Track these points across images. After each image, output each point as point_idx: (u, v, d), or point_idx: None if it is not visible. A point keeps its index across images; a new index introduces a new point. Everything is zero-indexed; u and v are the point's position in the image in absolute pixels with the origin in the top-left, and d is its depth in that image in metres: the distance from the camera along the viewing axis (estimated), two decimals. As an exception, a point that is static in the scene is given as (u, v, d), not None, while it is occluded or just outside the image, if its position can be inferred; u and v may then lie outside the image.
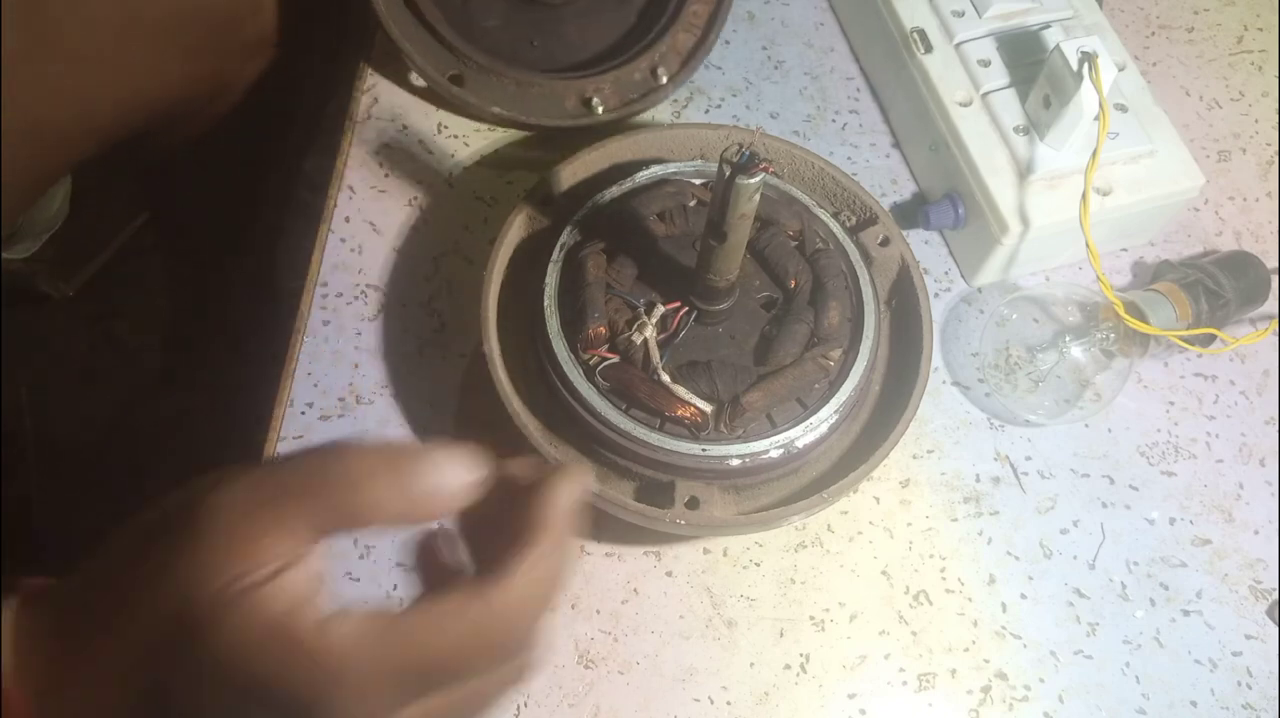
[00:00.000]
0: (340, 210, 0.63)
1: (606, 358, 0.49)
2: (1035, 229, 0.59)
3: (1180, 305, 0.59)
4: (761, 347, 0.51)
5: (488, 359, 0.51)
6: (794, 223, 0.53)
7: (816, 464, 0.53)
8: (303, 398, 0.57)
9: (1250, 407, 0.62)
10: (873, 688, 0.53)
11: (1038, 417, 0.59)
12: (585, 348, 0.49)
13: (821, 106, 0.69)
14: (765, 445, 0.49)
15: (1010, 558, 0.57)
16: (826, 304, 0.51)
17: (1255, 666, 0.55)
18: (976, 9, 0.64)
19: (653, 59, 0.64)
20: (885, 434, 0.51)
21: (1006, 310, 0.60)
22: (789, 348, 0.50)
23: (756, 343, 0.51)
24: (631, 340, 0.49)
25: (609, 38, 0.67)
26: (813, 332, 0.51)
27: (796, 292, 0.52)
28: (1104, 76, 0.55)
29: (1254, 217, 0.68)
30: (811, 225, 0.54)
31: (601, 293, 0.50)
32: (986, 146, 0.61)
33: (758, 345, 0.51)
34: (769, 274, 0.53)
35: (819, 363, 0.50)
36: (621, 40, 0.67)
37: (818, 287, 0.52)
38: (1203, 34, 0.75)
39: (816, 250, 0.53)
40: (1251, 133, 0.71)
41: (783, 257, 0.52)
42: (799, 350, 0.50)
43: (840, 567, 0.56)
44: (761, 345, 0.51)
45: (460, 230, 0.63)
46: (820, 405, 0.50)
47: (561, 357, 0.50)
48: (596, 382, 0.49)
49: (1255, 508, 0.59)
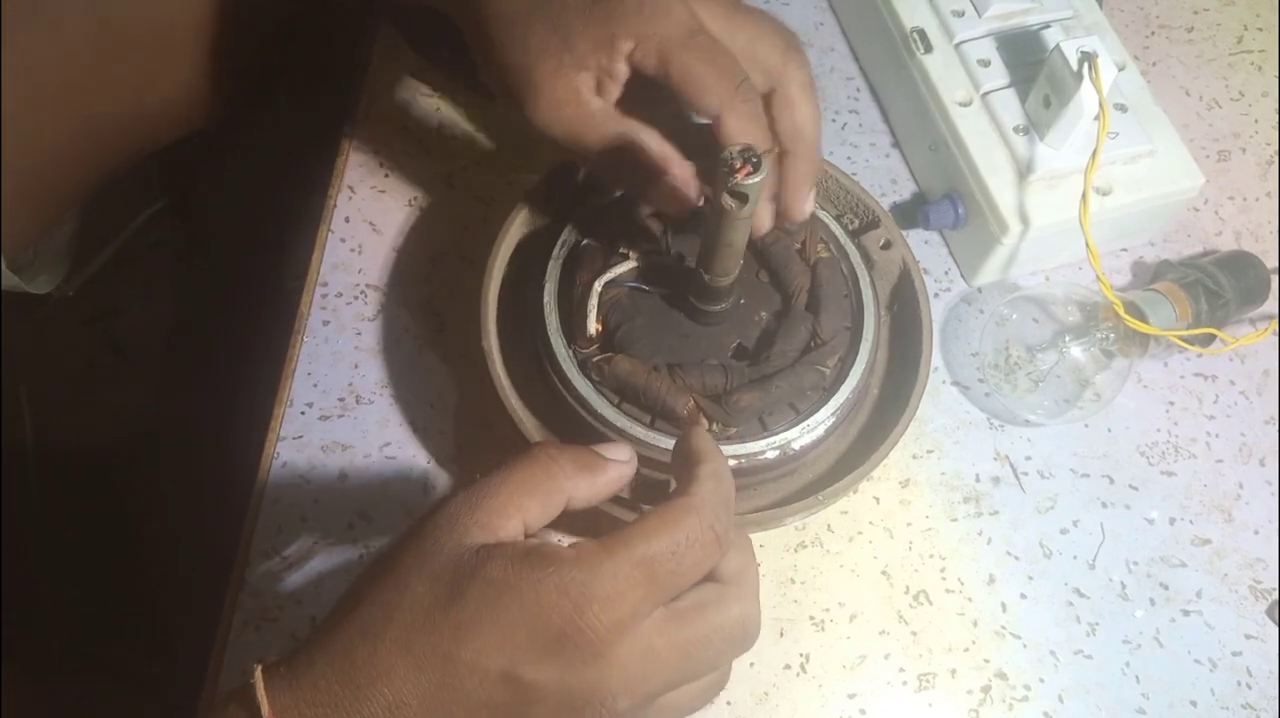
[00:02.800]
0: (340, 210, 0.63)
1: (603, 355, 0.49)
2: (1035, 229, 0.59)
3: (1180, 305, 0.59)
4: (760, 348, 0.51)
5: (486, 356, 0.51)
6: (799, 230, 0.53)
7: (814, 466, 0.53)
8: (302, 398, 0.57)
9: (1250, 407, 0.62)
10: (873, 688, 0.53)
11: (1038, 417, 0.59)
12: (584, 345, 0.50)
13: (821, 106, 0.69)
14: (762, 446, 0.49)
15: (1010, 558, 0.57)
16: (826, 310, 0.51)
17: (1255, 666, 0.55)
18: (976, 9, 0.64)
19: None
20: (884, 435, 0.51)
21: (1006, 310, 0.60)
22: (787, 352, 0.50)
23: (754, 346, 0.51)
24: None
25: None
26: (811, 337, 0.51)
27: (796, 296, 0.52)
28: (1104, 76, 0.55)
29: (1254, 217, 0.68)
30: (814, 230, 0.53)
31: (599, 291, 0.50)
32: (986, 146, 0.61)
33: (755, 347, 0.51)
34: (770, 277, 0.53)
35: (815, 369, 0.50)
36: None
37: (818, 292, 0.52)
38: (1202, 34, 0.75)
39: (819, 258, 0.53)
40: (1251, 133, 0.71)
41: (784, 260, 0.52)
42: (796, 354, 0.50)
43: (840, 567, 0.56)
44: (760, 347, 0.51)
45: (460, 230, 0.63)
46: (817, 408, 0.50)
47: (560, 355, 0.50)
48: (593, 378, 0.49)
49: (1255, 508, 0.59)
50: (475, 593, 0.33)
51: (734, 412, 0.48)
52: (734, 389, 0.49)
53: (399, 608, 0.33)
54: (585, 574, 0.32)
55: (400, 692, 0.32)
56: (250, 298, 0.96)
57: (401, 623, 0.33)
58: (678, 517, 0.34)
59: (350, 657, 0.33)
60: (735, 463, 0.49)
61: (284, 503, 0.55)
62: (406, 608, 0.33)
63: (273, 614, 0.53)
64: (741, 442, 0.49)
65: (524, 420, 0.50)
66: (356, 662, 0.32)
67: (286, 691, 0.32)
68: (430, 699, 0.32)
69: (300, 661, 0.33)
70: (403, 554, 0.35)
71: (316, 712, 0.32)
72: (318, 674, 0.33)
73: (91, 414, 0.97)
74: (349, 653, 0.33)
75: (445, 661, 0.32)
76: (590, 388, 0.49)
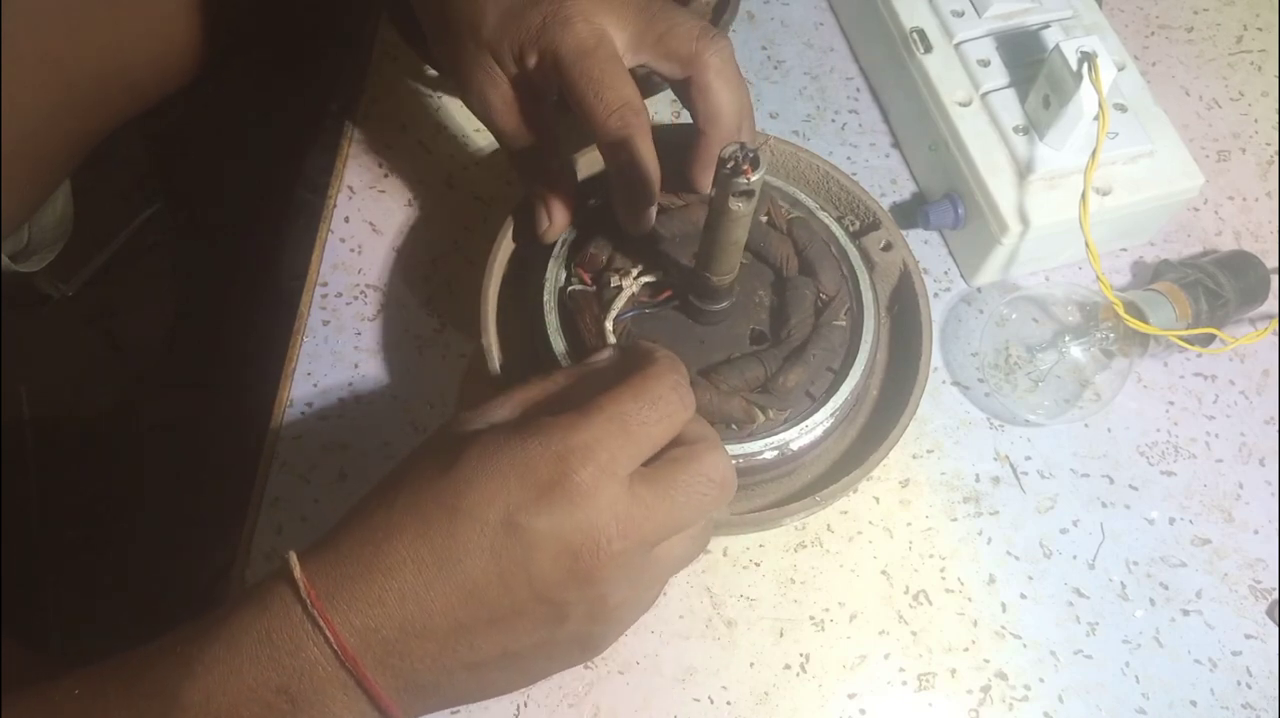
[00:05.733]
0: (340, 210, 0.63)
1: None
2: (1035, 229, 0.59)
3: (1180, 305, 0.59)
4: (776, 326, 0.51)
5: (486, 354, 0.51)
6: (762, 205, 0.53)
7: (813, 467, 0.53)
8: (302, 398, 0.57)
9: (1250, 406, 0.62)
10: (872, 688, 0.53)
11: (1037, 417, 0.59)
12: None
13: (821, 106, 0.69)
14: (759, 447, 0.49)
15: (1010, 558, 0.57)
16: (820, 268, 0.52)
17: (1255, 665, 0.55)
18: (976, 9, 0.64)
19: None
20: (884, 435, 0.51)
21: (1006, 310, 0.60)
22: (804, 320, 0.50)
23: (769, 326, 0.51)
24: (612, 287, 0.50)
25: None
26: (817, 297, 0.51)
27: (785, 265, 0.52)
28: (1104, 76, 0.55)
29: (1254, 216, 0.68)
30: (770, 196, 0.54)
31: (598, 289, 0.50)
32: (986, 146, 0.61)
33: (771, 327, 0.51)
34: (753, 256, 0.53)
35: (835, 327, 0.50)
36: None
37: (804, 254, 0.52)
38: (1202, 34, 0.75)
39: (789, 220, 0.53)
40: (1251, 133, 0.71)
41: (760, 235, 0.52)
42: (813, 319, 0.50)
43: (840, 567, 0.56)
44: (775, 325, 0.51)
45: (460, 230, 0.63)
46: (815, 409, 0.50)
47: (559, 353, 0.50)
48: None
49: (1255, 508, 0.59)
50: (472, 456, 0.36)
51: (784, 394, 0.48)
52: (775, 373, 0.49)
53: (408, 480, 0.37)
54: (565, 431, 0.36)
55: (414, 547, 0.35)
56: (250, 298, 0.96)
57: (410, 489, 0.37)
58: (643, 382, 0.39)
59: (368, 523, 0.36)
60: (736, 463, 0.49)
61: (284, 503, 0.55)
62: (414, 479, 0.37)
63: (273, 614, 0.53)
64: (741, 441, 0.49)
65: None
66: (374, 526, 0.36)
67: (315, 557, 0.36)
68: (441, 550, 0.35)
69: (324, 542, 0.37)
70: (411, 453, 0.39)
71: (342, 572, 0.35)
72: (341, 542, 0.36)
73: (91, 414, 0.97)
74: (366, 521, 0.37)
75: (450, 513, 0.35)
76: None
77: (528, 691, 0.52)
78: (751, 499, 0.51)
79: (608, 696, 0.52)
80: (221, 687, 0.34)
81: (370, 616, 0.35)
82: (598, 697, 0.52)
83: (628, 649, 0.53)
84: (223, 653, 0.35)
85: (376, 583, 0.35)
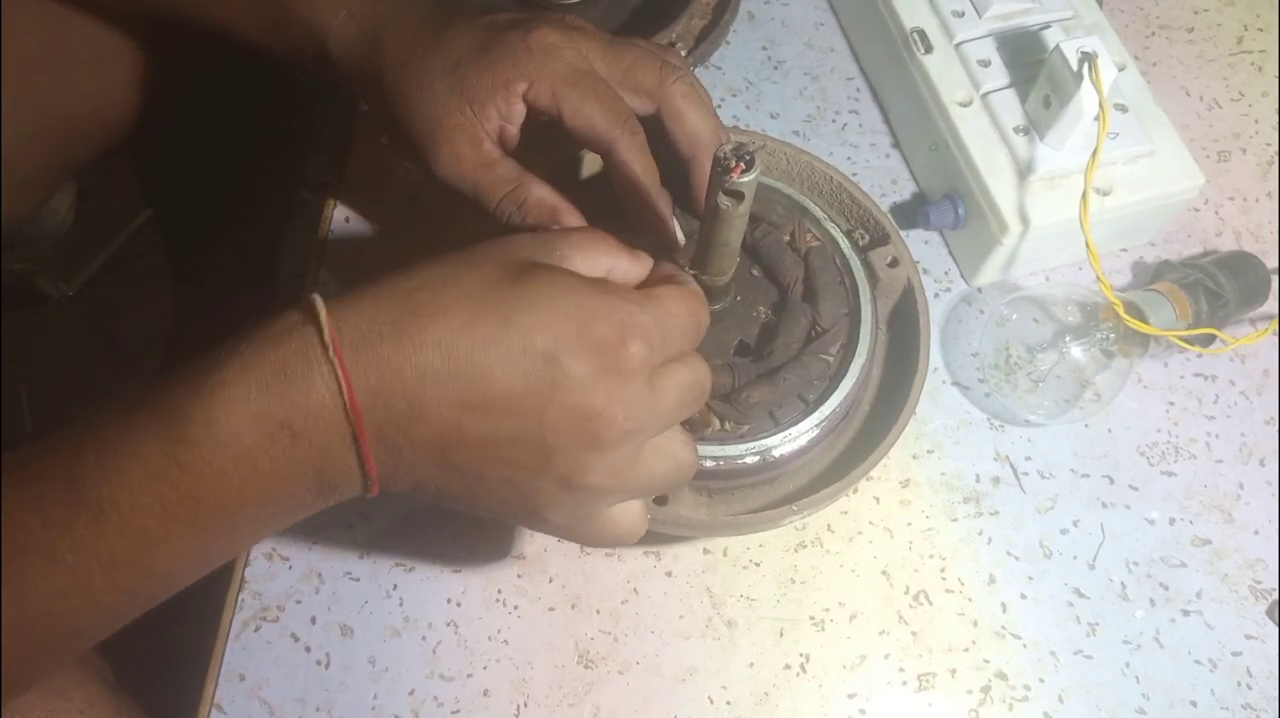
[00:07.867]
0: (340, 210, 0.63)
1: None
2: (1035, 229, 0.59)
3: (1180, 305, 0.59)
4: (762, 343, 0.51)
5: None
6: (787, 222, 0.53)
7: (812, 467, 0.52)
8: (302, 398, 0.57)
9: (1250, 407, 0.62)
10: (873, 688, 0.53)
11: (1038, 417, 0.59)
12: None
13: (821, 107, 0.69)
14: (740, 450, 0.49)
15: (1010, 558, 0.57)
16: (823, 299, 0.51)
17: (1255, 666, 0.55)
18: (976, 9, 0.65)
19: (670, 39, 0.65)
20: (884, 434, 0.51)
21: (1006, 310, 0.60)
22: (790, 343, 0.50)
23: (756, 341, 0.51)
24: None
25: (612, 27, 0.67)
26: (812, 326, 0.51)
27: (792, 287, 0.52)
28: (1104, 76, 0.55)
29: (1254, 217, 0.68)
30: (801, 220, 0.53)
31: None
32: (986, 146, 0.61)
33: (758, 343, 0.51)
34: (764, 271, 0.53)
35: (820, 358, 0.50)
36: (628, 26, 0.67)
37: (813, 282, 0.52)
38: (1203, 34, 0.75)
39: (810, 248, 0.53)
40: (1251, 133, 0.71)
41: (776, 253, 0.52)
42: (800, 345, 0.50)
43: (840, 567, 0.56)
44: (762, 342, 0.51)
45: (461, 231, 0.62)
46: (801, 418, 0.49)
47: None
48: None
49: (1255, 508, 0.59)
50: (543, 281, 0.36)
51: (745, 409, 0.48)
52: (742, 387, 0.49)
53: (468, 274, 0.37)
54: (636, 305, 0.37)
55: (453, 335, 0.35)
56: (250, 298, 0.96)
57: (470, 282, 0.36)
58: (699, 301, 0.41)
59: (413, 296, 0.36)
60: (713, 465, 0.48)
61: (284, 503, 0.55)
62: (476, 275, 0.37)
63: (273, 614, 0.53)
64: (723, 444, 0.48)
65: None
66: (419, 300, 0.35)
67: (345, 305, 0.35)
68: (477, 351, 0.35)
69: (361, 290, 0.36)
70: (476, 248, 0.39)
71: (372, 328, 0.35)
72: (380, 298, 0.36)
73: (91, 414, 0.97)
74: (412, 293, 0.36)
75: (502, 322, 0.35)
76: None
77: (527, 691, 0.52)
78: (750, 498, 0.51)
79: (608, 696, 0.52)
80: (227, 410, 0.34)
81: (387, 380, 0.34)
82: (598, 697, 0.52)
83: (628, 649, 0.53)
84: (233, 378, 0.34)
85: (402, 354, 0.35)
